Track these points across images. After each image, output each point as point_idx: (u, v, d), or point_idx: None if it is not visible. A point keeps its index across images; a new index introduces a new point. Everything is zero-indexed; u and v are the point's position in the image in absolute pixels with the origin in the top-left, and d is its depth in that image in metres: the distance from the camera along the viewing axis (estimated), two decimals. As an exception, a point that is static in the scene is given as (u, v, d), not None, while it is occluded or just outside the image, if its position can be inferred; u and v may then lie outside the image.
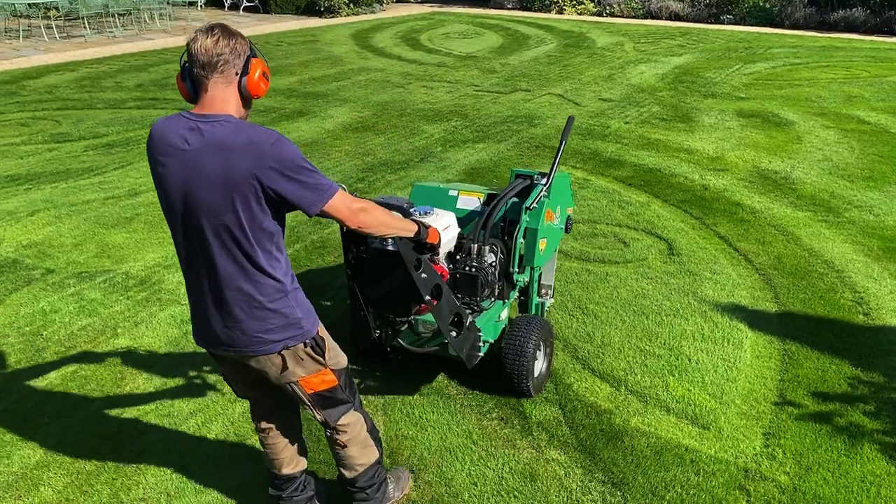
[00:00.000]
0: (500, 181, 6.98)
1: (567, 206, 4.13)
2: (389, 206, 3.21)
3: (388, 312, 3.33)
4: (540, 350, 3.73)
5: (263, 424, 2.77)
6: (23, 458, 3.38)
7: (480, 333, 3.37)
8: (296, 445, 2.86)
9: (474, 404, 3.71)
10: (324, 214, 2.25)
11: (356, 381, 3.75)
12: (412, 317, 3.33)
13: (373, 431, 2.80)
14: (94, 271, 5.24)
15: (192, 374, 4.02)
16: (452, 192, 3.84)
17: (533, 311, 4.10)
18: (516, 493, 3.12)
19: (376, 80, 12.07)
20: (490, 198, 3.80)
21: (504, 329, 3.70)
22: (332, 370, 2.55)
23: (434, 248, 2.84)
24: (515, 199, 3.77)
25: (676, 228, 5.94)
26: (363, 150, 8.20)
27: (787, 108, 9.94)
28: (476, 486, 3.17)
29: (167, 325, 4.52)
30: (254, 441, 3.45)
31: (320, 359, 2.49)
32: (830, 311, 4.64)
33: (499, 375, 3.65)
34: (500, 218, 3.71)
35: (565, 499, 3.09)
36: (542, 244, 3.74)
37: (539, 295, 4.22)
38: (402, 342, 3.46)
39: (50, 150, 8.14)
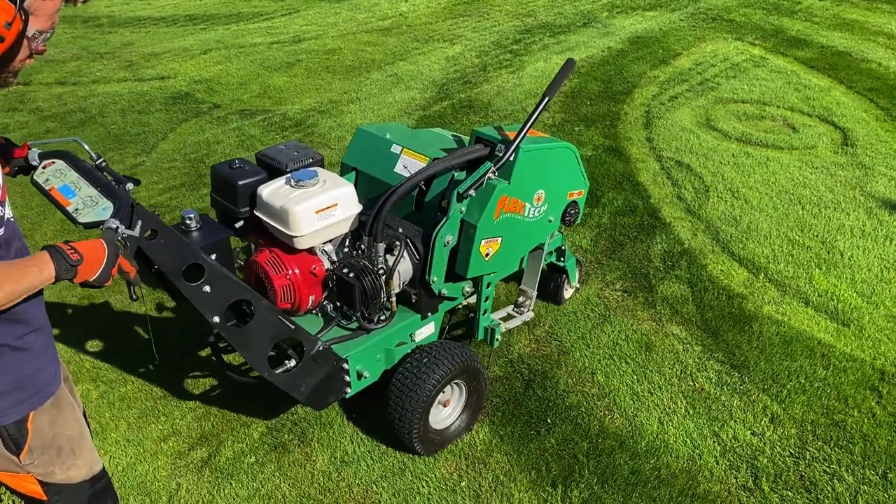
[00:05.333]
0: (666, 53, 6.54)
1: (570, 189, 2.93)
2: (272, 163, 2.60)
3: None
4: (452, 395, 2.74)
5: None
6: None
7: (346, 364, 2.44)
8: None
9: (599, 274, 3.67)
10: None
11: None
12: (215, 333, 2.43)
13: None
14: (255, 110, 5.53)
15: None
16: (395, 149, 2.81)
17: (479, 336, 2.92)
18: (629, 359, 3.11)
19: (549, -61, 11.45)
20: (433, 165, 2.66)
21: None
22: (38, 480, 1.75)
23: (100, 284, 1.66)
24: (462, 174, 2.67)
25: (856, 118, 5.37)
26: (524, 10, 7.91)
27: None
28: (588, 347, 3.18)
29: (315, 165, 4.74)
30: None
31: (13, 458, 1.69)
32: None
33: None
34: (438, 196, 2.68)
35: (679, 372, 3.05)
36: (488, 246, 2.61)
37: (515, 306, 3.20)
38: (228, 369, 2.58)
39: (225, -6, 8.48)
